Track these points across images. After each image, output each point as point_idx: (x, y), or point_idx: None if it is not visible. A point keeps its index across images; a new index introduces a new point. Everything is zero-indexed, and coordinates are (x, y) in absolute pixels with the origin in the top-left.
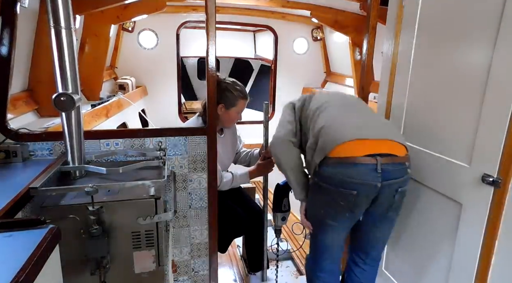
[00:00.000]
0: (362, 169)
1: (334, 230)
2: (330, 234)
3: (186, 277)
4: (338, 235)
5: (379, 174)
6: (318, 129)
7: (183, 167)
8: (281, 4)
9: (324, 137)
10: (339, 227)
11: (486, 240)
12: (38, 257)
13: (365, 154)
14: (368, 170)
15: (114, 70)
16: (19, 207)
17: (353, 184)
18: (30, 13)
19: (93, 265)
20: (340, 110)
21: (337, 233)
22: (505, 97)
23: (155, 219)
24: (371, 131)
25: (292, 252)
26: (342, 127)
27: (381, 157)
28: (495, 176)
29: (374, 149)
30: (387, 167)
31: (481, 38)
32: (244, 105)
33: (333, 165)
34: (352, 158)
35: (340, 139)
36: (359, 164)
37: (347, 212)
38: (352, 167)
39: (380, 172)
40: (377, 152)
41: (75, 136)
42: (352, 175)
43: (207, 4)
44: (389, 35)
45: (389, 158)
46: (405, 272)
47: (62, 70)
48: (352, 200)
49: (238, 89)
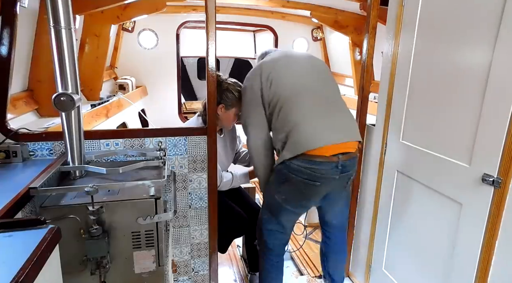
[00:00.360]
0: (328, 166)
1: (290, 213)
2: (285, 216)
3: (186, 277)
4: (294, 217)
5: (339, 169)
6: (291, 127)
7: (183, 167)
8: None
9: (296, 137)
10: (295, 212)
11: (486, 240)
12: (38, 257)
13: (331, 154)
14: (332, 167)
15: (114, 70)
16: (19, 207)
17: (318, 177)
18: (30, 13)
19: (93, 265)
20: (311, 108)
21: (293, 216)
22: (505, 97)
23: (155, 219)
24: (338, 136)
25: (292, 252)
26: (315, 131)
27: (342, 155)
28: (495, 176)
29: (338, 150)
30: (344, 163)
31: (481, 38)
32: None
33: (303, 161)
34: (321, 157)
35: (313, 145)
36: (326, 162)
37: (305, 200)
38: (320, 164)
39: (340, 167)
40: (339, 152)
41: (75, 136)
42: (319, 170)
43: (207, 4)
44: (389, 35)
45: (347, 155)
46: (405, 272)
47: (62, 70)
48: (314, 189)
49: (239, 90)
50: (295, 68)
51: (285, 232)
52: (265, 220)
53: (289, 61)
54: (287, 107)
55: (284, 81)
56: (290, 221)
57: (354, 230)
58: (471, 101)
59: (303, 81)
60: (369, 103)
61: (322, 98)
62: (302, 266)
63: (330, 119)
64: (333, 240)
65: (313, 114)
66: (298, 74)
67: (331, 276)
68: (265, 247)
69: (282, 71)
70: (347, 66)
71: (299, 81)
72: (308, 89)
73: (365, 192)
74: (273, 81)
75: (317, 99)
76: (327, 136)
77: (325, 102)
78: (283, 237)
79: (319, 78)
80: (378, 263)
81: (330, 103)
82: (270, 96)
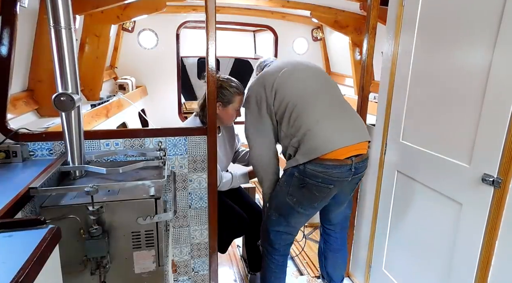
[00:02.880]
0: (342, 169)
1: (301, 215)
2: (296, 218)
3: (186, 277)
4: (305, 218)
5: (352, 171)
6: (303, 133)
7: (183, 167)
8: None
9: (310, 142)
10: (306, 214)
11: (486, 240)
12: (38, 257)
13: (345, 157)
14: (346, 170)
15: (114, 70)
16: (19, 207)
17: (331, 180)
18: (30, 13)
19: (93, 265)
20: (322, 112)
21: (304, 218)
22: (505, 97)
23: (155, 219)
24: (350, 137)
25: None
26: (328, 135)
27: (355, 157)
28: (495, 176)
29: (352, 152)
30: (357, 165)
31: (481, 38)
32: (242, 101)
33: (318, 165)
34: (336, 160)
35: (328, 148)
36: (340, 165)
37: (318, 202)
38: (335, 168)
39: (353, 170)
40: (353, 154)
41: (75, 136)
42: (333, 173)
43: (207, 4)
44: (389, 35)
45: (359, 157)
46: (405, 272)
47: (62, 70)
48: (327, 192)
49: (234, 85)
50: (300, 75)
51: (293, 233)
52: (274, 222)
53: (292, 68)
54: (297, 113)
55: (291, 88)
56: (300, 223)
57: (354, 230)
58: (471, 101)
59: (309, 85)
60: (369, 103)
61: (331, 101)
62: (302, 266)
63: (341, 120)
64: (333, 237)
65: (325, 118)
66: (303, 79)
67: (329, 276)
68: (271, 247)
69: (287, 78)
70: (347, 66)
71: (306, 86)
72: (315, 93)
73: (365, 192)
74: (278, 90)
75: (326, 102)
76: (340, 139)
77: (333, 104)
78: (290, 238)
79: (323, 82)
80: (378, 263)
81: (338, 105)
82: (277, 105)
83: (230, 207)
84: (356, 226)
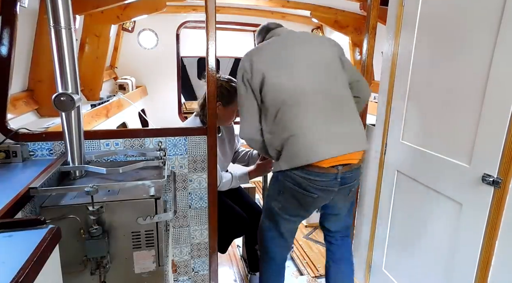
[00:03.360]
0: (326, 177)
1: (288, 222)
2: (283, 224)
3: (186, 277)
4: (292, 225)
5: (338, 181)
6: (287, 137)
7: (183, 167)
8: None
9: (292, 149)
10: (292, 220)
11: (486, 240)
12: (38, 257)
13: (330, 166)
14: (330, 178)
15: (114, 70)
16: (19, 207)
17: (315, 189)
18: (30, 13)
19: (93, 265)
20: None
21: (291, 224)
22: (505, 97)
23: (155, 219)
24: (338, 147)
25: (292, 252)
26: (312, 145)
27: (342, 166)
28: (495, 176)
29: (338, 161)
30: (345, 175)
31: (481, 38)
32: None
33: (301, 171)
34: (319, 168)
35: (310, 159)
36: (324, 174)
37: (303, 210)
38: (318, 175)
39: (340, 179)
40: (339, 163)
41: (75, 136)
42: (316, 181)
43: (207, 4)
44: (389, 35)
45: (347, 166)
46: (405, 272)
47: (62, 70)
48: (310, 201)
49: (234, 85)
50: (294, 69)
51: (285, 239)
52: (265, 227)
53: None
54: (283, 112)
55: (279, 84)
56: (288, 230)
57: (354, 230)
58: (471, 101)
59: (303, 81)
60: (369, 103)
61: (325, 101)
62: (302, 266)
63: (332, 126)
64: (335, 245)
65: (312, 124)
66: (297, 73)
67: None
68: (265, 254)
69: (279, 71)
70: None
71: (300, 84)
72: (310, 93)
73: (365, 192)
74: (266, 83)
75: (319, 104)
76: (325, 149)
77: (327, 106)
78: (284, 244)
79: (322, 76)
80: (378, 263)
81: (333, 106)
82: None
83: (230, 207)
84: (356, 226)
